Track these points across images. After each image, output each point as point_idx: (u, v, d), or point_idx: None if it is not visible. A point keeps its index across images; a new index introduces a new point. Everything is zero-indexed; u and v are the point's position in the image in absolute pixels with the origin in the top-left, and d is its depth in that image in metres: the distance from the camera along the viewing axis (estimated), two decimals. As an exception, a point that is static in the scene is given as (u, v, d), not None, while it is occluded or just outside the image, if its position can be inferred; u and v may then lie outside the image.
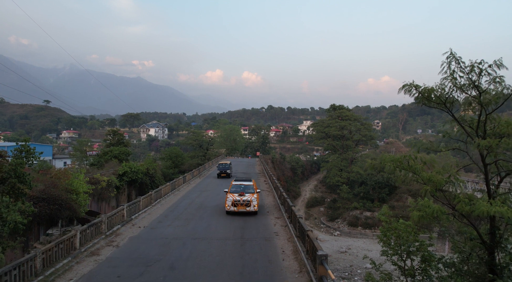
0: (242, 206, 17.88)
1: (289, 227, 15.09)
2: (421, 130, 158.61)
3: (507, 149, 8.79)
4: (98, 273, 10.28)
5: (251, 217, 17.72)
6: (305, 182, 79.10)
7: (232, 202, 17.94)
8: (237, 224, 16.15)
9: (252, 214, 18.07)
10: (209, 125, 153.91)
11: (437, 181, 8.65)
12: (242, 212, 17.88)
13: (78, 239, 11.74)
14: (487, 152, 8.41)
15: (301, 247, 12.14)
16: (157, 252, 12.11)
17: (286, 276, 10.13)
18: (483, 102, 8.39)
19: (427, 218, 8.71)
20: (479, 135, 8.81)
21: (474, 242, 9.91)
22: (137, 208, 17.87)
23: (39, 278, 9.44)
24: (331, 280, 8.43)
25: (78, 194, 22.75)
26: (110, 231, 14.21)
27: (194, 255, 11.77)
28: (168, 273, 10.21)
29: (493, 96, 8.24)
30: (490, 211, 7.62)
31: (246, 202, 17.95)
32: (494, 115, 8.71)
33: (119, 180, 32.65)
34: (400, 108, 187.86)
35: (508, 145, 7.94)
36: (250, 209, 17.90)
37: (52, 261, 10.33)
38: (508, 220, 8.10)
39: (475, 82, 8.33)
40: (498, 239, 9.43)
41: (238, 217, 17.71)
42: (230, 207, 17.93)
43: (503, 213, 7.55)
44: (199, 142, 64.57)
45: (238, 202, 17.94)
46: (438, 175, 8.91)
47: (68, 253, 11.20)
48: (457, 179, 8.89)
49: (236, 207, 17.88)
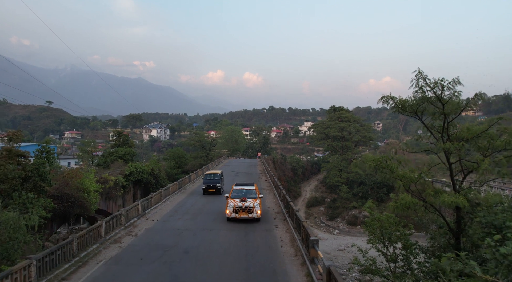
0: (244, 213, 17.16)
1: (288, 220, 16.95)
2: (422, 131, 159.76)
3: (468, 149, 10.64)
4: (123, 256, 12.16)
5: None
6: (306, 182, 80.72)
7: (233, 208, 17.15)
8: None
9: (255, 221, 17.37)
10: (210, 126, 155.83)
11: (409, 177, 10.51)
12: (244, 218, 17.20)
13: (103, 229, 13.65)
14: (450, 152, 10.27)
15: (297, 236, 14.00)
16: (172, 240, 13.99)
17: (284, 259, 11.98)
18: (446, 112, 10.24)
19: (401, 209, 10.54)
20: (444, 139, 10.66)
21: (444, 229, 11.74)
22: (149, 203, 19.76)
23: (75, 258, 11.32)
24: (320, 259, 10.26)
25: (89, 193, 24.58)
26: (128, 223, 16.11)
27: (204, 243, 13.63)
28: (183, 256, 12.08)
29: (452, 108, 10.08)
30: (448, 201, 9.47)
31: (249, 208, 17.16)
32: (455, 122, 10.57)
33: (125, 179, 34.26)
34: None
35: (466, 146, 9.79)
36: (253, 215, 17.17)
37: (84, 246, 12.22)
38: (465, 208, 9.92)
39: (439, 96, 10.17)
40: (463, 226, 11.25)
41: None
42: (232, 214, 17.22)
43: (459, 202, 9.39)
44: (201, 142, 66.41)
45: (240, 208, 17.15)
46: (411, 172, 10.77)
47: (96, 240, 13.09)
48: (426, 175, 10.74)
49: (237, 213, 17.16)
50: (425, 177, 10.82)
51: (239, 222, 17.27)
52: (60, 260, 10.62)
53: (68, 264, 10.76)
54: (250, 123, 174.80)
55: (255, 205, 17.36)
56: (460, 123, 12.21)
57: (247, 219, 17.20)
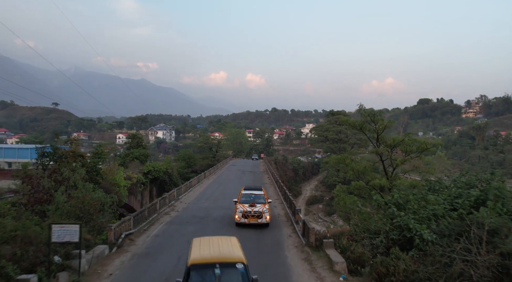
0: (253, 218, 17.54)
1: (284, 203, 23.82)
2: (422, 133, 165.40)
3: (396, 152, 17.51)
4: (175, 221, 19.10)
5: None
6: (306, 182, 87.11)
7: (242, 213, 17.64)
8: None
9: (264, 226, 17.78)
10: (214, 127, 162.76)
11: (356, 169, 17.35)
12: (253, 224, 17.60)
13: (158, 205, 20.59)
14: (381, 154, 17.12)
15: (289, 211, 20.86)
16: (203, 213, 20.91)
17: (279, 223, 18.82)
18: (377, 129, 17.07)
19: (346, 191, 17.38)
20: (377, 145, 17.53)
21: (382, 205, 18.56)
22: (179, 192, 26.73)
23: (147, 221, 18.23)
24: (301, 221, 17.03)
25: (120, 187, 31.23)
26: (169, 204, 23.11)
27: (226, 215, 20.44)
28: (212, 221, 19.00)
29: (378, 127, 16.92)
30: (377, 183, 16.27)
31: (258, 213, 17.55)
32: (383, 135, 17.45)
33: (144, 177, 40.58)
34: (402, 111, 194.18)
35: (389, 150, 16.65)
36: (262, 220, 17.56)
37: (150, 214, 19.15)
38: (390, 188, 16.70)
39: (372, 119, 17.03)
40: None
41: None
42: (241, 219, 17.61)
43: (382, 183, 16.20)
44: (209, 144, 73.49)
45: (249, 213, 17.59)
46: (358, 165, 17.61)
47: (154, 212, 20.04)
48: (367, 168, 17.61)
49: (247, 218, 17.56)
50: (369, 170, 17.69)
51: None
52: (140, 220, 17.53)
53: (143, 223, 17.68)
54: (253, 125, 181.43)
55: (264, 210, 17.75)
56: (396, 134, 19.08)
57: (256, 224, 17.58)
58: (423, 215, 11.61)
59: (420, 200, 12.29)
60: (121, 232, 15.07)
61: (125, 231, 15.38)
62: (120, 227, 15.11)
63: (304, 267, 12.07)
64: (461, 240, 9.99)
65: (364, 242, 12.04)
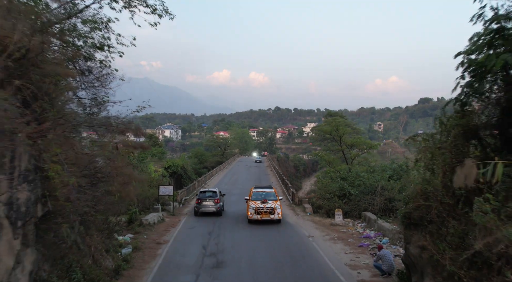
0: (266, 214, 18.03)
1: (282, 186, 34.51)
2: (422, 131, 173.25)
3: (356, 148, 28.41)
4: (209, 194, 29.92)
5: (264, 175, 36.39)
6: (307, 178, 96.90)
7: (255, 210, 18.14)
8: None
9: (276, 222, 18.29)
10: (219, 127, 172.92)
11: (327, 159, 28.02)
12: (265, 220, 18.10)
13: (196, 184, 31.46)
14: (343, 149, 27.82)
15: (285, 189, 31.54)
16: (228, 189, 31.63)
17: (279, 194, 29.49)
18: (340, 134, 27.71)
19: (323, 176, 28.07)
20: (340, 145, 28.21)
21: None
22: (206, 178, 37.62)
23: (192, 193, 28.99)
24: (291, 192, 27.64)
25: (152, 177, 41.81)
26: (203, 184, 34.06)
27: (241, 193, 30.83)
28: (234, 195, 29.69)
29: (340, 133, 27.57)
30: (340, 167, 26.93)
31: (270, 210, 18.15)
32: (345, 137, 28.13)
33: (165, 171, 51.03)
34: (403, 110, 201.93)
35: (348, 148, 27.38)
36: (274, 217, 18.10)
37: (192, 190, 29.94)
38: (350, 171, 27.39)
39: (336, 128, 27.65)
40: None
41: (256, 180, 36.57)
42: (253, 215, 18.10)
43: (341, 168, 26.84)
44: (218, 143, 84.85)
45: (262, 210, 18.12)
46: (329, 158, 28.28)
47: (194, 189, 30.81)
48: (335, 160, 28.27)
49: (259, 215, 18.04)
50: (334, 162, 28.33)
51: (254, 181, 34.79)
52: (188, 192, 28.29)
53: (191, 194, 28.45)
54: (257, 124, 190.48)
55: (276, 206, 18.48)
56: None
57: (268, 220, 18.10)
58: (357, 183, 22.21)
59: (356, 176, 22.93)
60: (182, 197, 25.87)
61: (184, 197, 26.21)
62: (181, 195, 25.92)
63: (290, 211, 22.81)
64: (370, 194, 20.66)
65: (324, 197, 22.71)
